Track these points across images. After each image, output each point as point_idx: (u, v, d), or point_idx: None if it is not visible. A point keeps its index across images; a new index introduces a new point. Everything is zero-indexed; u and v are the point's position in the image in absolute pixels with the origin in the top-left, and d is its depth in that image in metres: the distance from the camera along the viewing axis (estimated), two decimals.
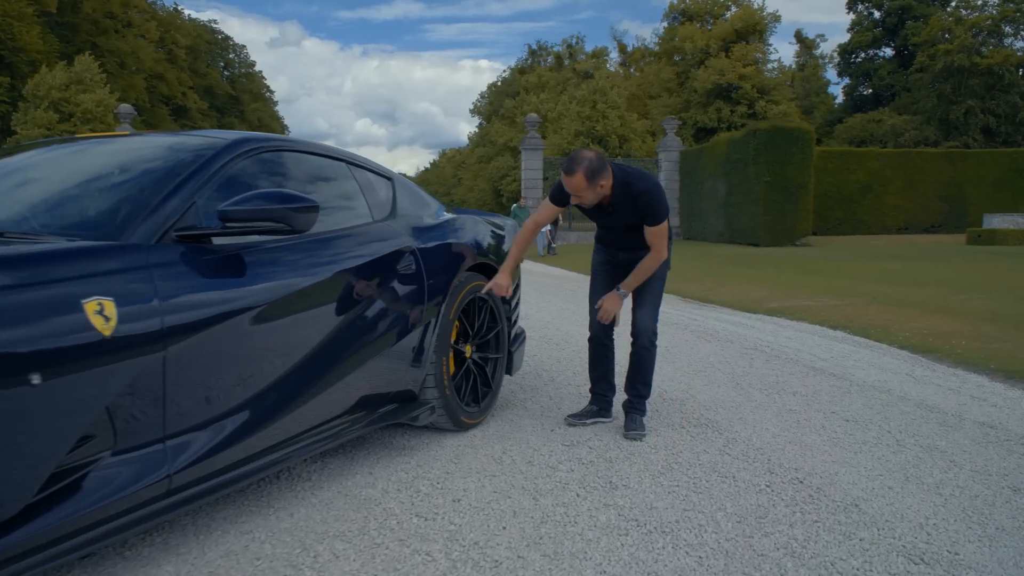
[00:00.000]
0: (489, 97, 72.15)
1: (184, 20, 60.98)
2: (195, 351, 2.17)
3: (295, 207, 2.37)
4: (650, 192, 3.46)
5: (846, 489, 2.97)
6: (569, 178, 3.33)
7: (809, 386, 4.82)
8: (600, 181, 3.35)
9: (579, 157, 3.31)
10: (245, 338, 2.36)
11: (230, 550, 2.35)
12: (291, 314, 2.54)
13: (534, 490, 2.89)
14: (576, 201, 3.45)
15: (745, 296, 10.05)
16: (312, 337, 2.63)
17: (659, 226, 3.52)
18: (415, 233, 3.36)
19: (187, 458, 2.17)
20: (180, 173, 2.41)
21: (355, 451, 3.35)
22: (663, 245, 3.55)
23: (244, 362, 2.37)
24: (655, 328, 3.68)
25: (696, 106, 43.93)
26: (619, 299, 3.65)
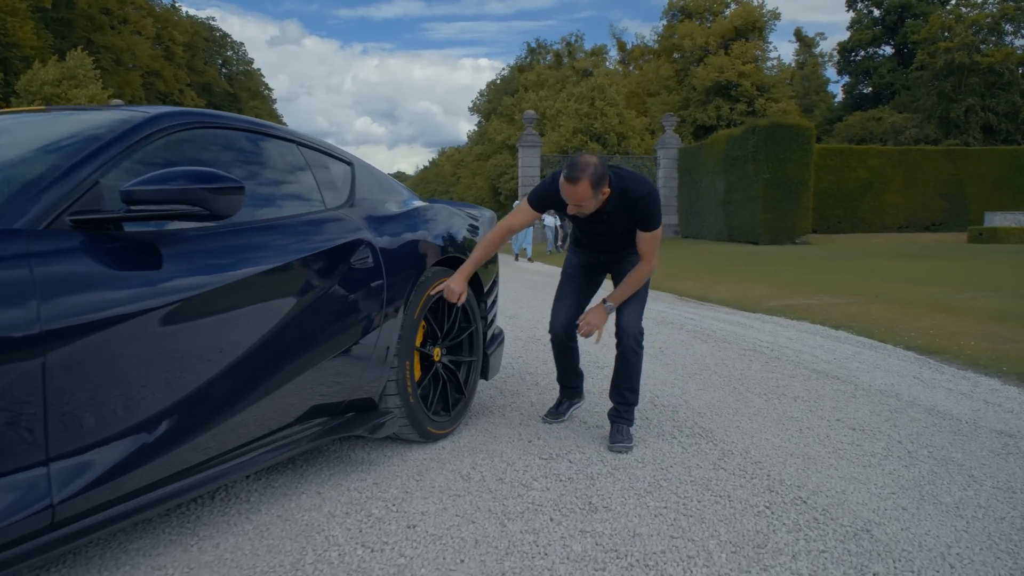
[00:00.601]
0: (488, 95, 71.72)
1: (182, 17, 60.58)
2: (87, 356, 1.83)
3: (214, 187, 2.03)
4: (649, 196, 3.18)
5: (855, 511, 2.63)
6: (573, 186, 2.98)
7: (811, 390, 4.49)
8: (603, 188, 3.04)
9: (582, 163, 2.98)
10: (155, 341, 2.01)
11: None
12: (216, 313, 2.20)
13: (502, 513, 2.55)
14: (575, 211, 3.13)
15: (744, 294, 9.72)
16: (243, 339, 2.28)
17: (655, 232, 3.24)
18: (374, 223, 3.01)
19: (80, 483, 1.83)
20: (84, 150, 2.07)
21: (306, 466, 3.01)
22: (655, 254, 3.28)
23: (155, 368, 2.03)
24: (641, 328, 3.35)
25: (695, 104, 43.51)
26: (605, 313, 3.33)
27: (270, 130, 2.82)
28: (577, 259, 3.58)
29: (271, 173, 2.74)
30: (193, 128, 2.43)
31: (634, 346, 3.29)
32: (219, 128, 2.55)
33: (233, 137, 2.60)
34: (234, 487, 2.76)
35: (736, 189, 23.78)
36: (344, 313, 2.69)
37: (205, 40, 64.66)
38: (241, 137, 2.64)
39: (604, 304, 3.33)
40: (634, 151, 34.75)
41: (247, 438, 2.39)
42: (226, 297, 2.23)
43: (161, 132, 2.29)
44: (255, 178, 2.63)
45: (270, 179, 2.72)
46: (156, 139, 2.26)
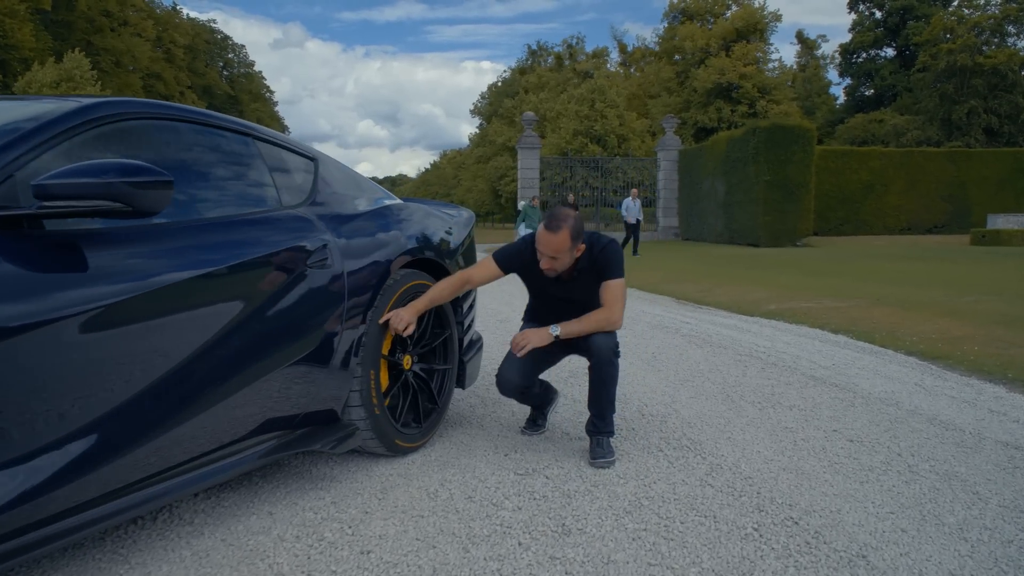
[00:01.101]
0: (489, 98, 71.64)
1: (182, 19, 60.53)
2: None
3: (137, 181, 1.84)
4: (612, 244, 3.14)
5: (851, 532, 2.43)
6: (553, 235, 2.92)
7: (808, 398, 4.29)
8: (580, 244, 3.01)
9: (563, 214, 2.97)
10: (76, 349, 1.82)
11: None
12: (147, 319, 2.00)
13: (467, 537, 2.35)
14: (548, 265, 3.01)
15: (742, 298, 9.51)
16: (180, 347, 2.09)
17: (618, 280, 3.09)
18: (336, 222, 2.81)
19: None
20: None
21: (262, 484, 2.81)
22: (618, 306, 3.08)
23: (77, 379, 1.84)
24: (616, 341, 3.12)
25: (696, 106, 43.32)
26: (548, 336, 3.07)
27: (223, 123, 2.62)
28: (534, 325, 3.31)
29: (220, 169, 2.54)
30: (131, 119, 2.23)
31: (610, 359, 3.07)
32: (162, 119, 2.35)
33: (178, 129, 2.40)
34: (179, 507, 2.56)
35: (737, 191, 23.56)
36: (297, 319, 2.49)
37: (206, 42, 64.63)
38: (188, 129, 2.44)
39: (550, 328, 3.08)
40: (634, 153, 34.56)
41: (189, 454, 2.20)
42: (159, 302, 2.03)
43: (92, 123, 2.09)
44: (200, 174, 2.43)
45: (218, 175, 2.52)
46: (85, 131, 2.07)
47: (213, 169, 2.50)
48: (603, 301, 3.07)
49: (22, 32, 34.35)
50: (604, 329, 3.04)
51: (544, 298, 3.27)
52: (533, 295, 3.32)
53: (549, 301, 3.24)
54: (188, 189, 2.35)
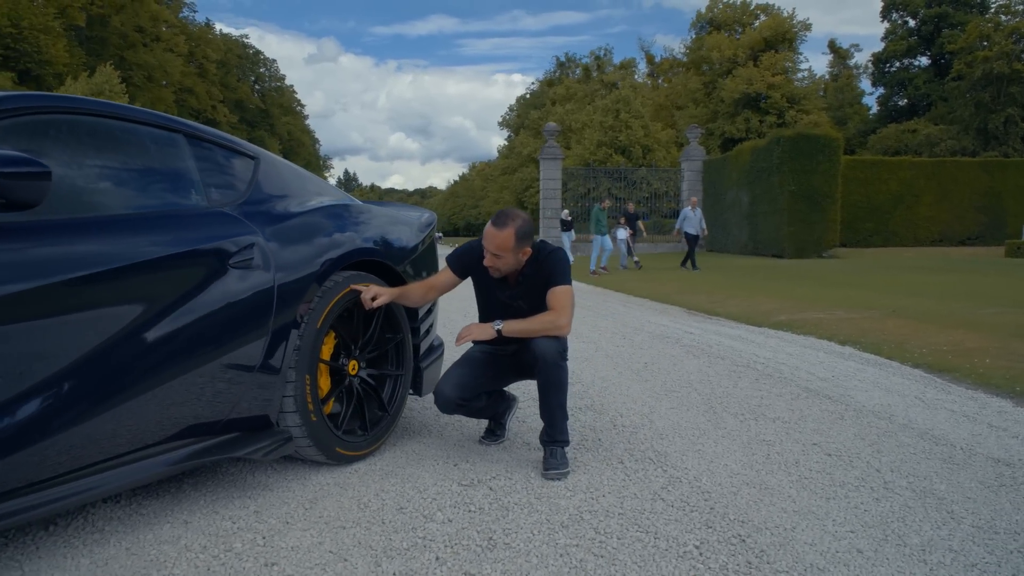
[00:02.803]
0: (518, 110, 71.87)
1: (215, 35, 61.59)
2: None
3: (8, 171, 1.75)
4: (559, 251, 3.06)
5: (799, 553, 2.26)
6: (497, 231, 2.88)
7: (796, 410, 4.10)
8: (525, 247, 2.96)
9: (512, 213, 2.97)
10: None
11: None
12: (33, 316, 1.92)
13: (383, 550, 2.22)
14: (491, 263, 2.95)
15: (754, 309, 9.29)
16: (80, 344, 2.00)
17: (565, 287, 2.98)
18: (269, 221, 2.71)
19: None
20: None
21: (188, 490, 2.71)
22: (566, 312, 2.95)
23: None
24: (563, 345, 2.97)
25: (723, 116, 42.90)
26: (491, 331, 2.95)
27: (147, 119, 2.53)
28: (481, 345, 3.22)
29: (136, 164, 2.45)
30: (36, 113, 2.15)
31: (556, 360, 2.92)
32: (73, 114, 2.27)
33: (91, 124, 2.32)
34: (95, 513, 2.47)
35: (761, 201, 23.21)
36: (215, 319, 2.39)
37: (238, 57, 65.68)
38: (103, 125, 2.35)
39: (494, 323, 2.97)
40: (659, 163, 34.28)
41: (100, 455, 2.11)
42: (46, 299, 1.94)
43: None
44: (112, 169, 2.35)
45: (134, 171, 2.43)
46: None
47: (128, 165, 2.41)
48: (550, 306, 2.95)
49: (56, 48, 35.17)
50: (550, 333, 2.91)
51: (491, 304, 3.15)
52: (481, 301, 3.20)
53: (495, 307, 3.12)
54: (97, 184, 2.27)
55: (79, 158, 2.24)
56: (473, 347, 3.25)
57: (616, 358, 5.80)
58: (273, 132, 69.59)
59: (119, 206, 2.32)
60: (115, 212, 2.28)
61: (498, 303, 3.10)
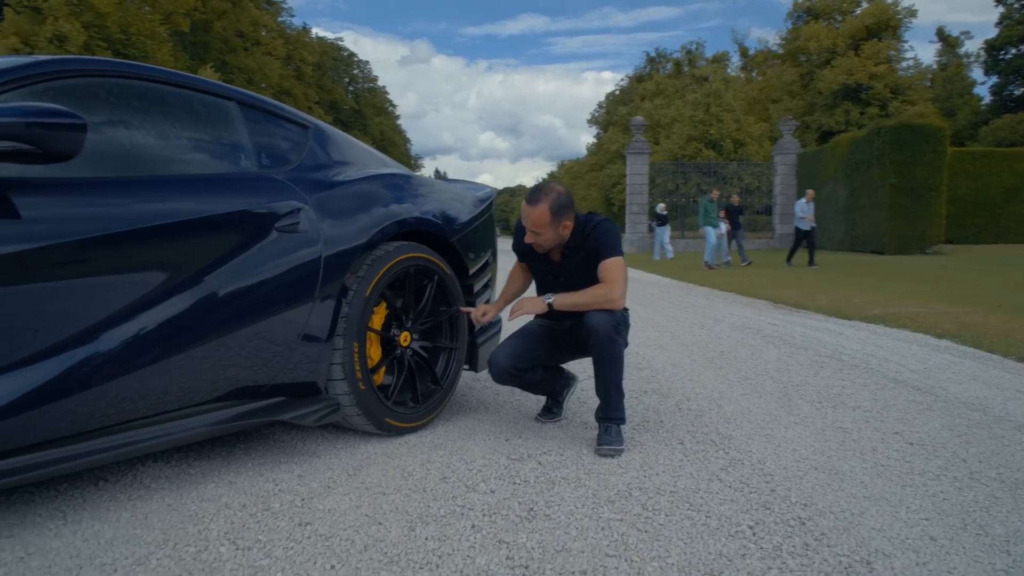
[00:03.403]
0: (606, 107, 71.27)
1: (311, 39, 63.48)
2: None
3: (44, 123, 1.78)
4: (606, 223, 2.94)
5: (864, 537, 2.08)
6: (531, 208, 2.79)
7: (879, 400, 3.84)
8: (564, 220, 2.84)
9: (545, 187, 2.86)
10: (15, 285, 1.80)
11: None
12: (74, 269, 1.95)
13: (420, 516, 2.17)
14: (531, 239, 2.87)
15: (845, 302, 8.85)
16: (115, 300, 2.03)
17: (616, 258, 2.86)
18: (317, 188, 2.70)
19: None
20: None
21: (238, 453, 2.74)
22: (618, 284, 2.83)
23: (20, 316, 1.82)
24: (618, 319, 2.85)
25: (821, 108, 41.20)
26: (542, 304, 2.89)
27: (200, 86, 2.57)
28: (540, 320, 3.16)
29: (185, 129, 2.48)
30: (88, 76, 2.20)
31: (610, 335, 2.80)
32: (124, 78, 2.31)
33: (141, 89, 2.36)
34: (144, 470, 2.52)
35: (859, 195, 22.19)
36: (259, 281, 2.39)
37: (333, 60, 67.50)
38: (153, 90, 2.39)
39: (545, 297, 2.90)
40: (752, 158, 33.30)
41: (140, 411, 2.13)
42: (86, 253, 1.98)
43: (40, 77, 2.07)
44: (160, 132, 2.38)
45: (182, 135, 2.46)
46: (30, 84, 2.04)
47: (178, 128, 2.44)
48: (601, 279, 2.84)
49: (161, 52, 36.84)
50: (602, 306, 2.80)
51: (543, 280, 3.09)
52: (536, 280, 3.14)
53: (547, 282, 3.05)
54: (144, 146, 2.31)
55: (128, 120, 2.28)
56: (532, 321, 3.18)
57: (691, 346, 5.61)
58: (366, 132, 71.22)
59: (167, 167, 2.35)
60: (162, 173, 2.32)
61: (549, 278, 3.03)
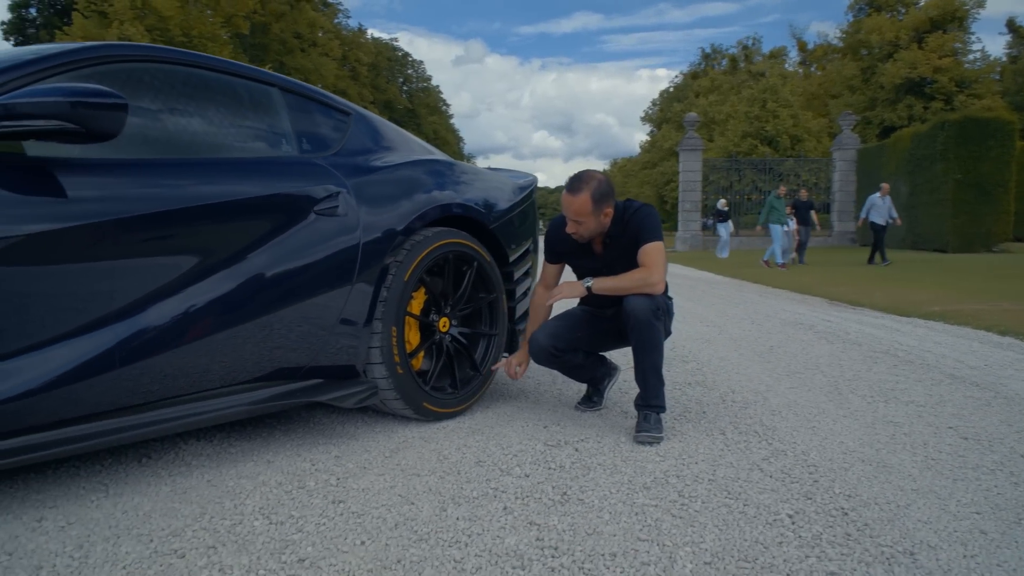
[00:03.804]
0: (660, 104, 70.59)
1: (366, 40, 64.32)
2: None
3: (86, 102, 1.83)
4: (646, 207, 2.91)
5: (909, 529, 2.01)
6: (573, 196, 2.76)
7: (934, 395, 3.71)
8: (605, 208, 2.82)
9: (586, 176, 2.83)
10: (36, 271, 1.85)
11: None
12: (115, 248, 2.01)
13: (452, 497, 2.17)
14: (573, 229, 2.84)
15: (903, 299, 8.60)
16: (150, 280, 2.08)
17: (656, 243, 2.82)
18: (357, 172, 2.72)
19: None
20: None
21: (277, 434, 2.78)
22: (657, 268, 2.79)
23: (25, 301, 1.87)
24: (657, 304, 2.80)
25: (883, 103, 40.05)
26: (581, 288, 2.88)
27: (243, 72, 2.61)
28: (583, 306, 3.17)
29: (232, 114, 2.52)
30: (131, 62, 2.26)
31: (648, 319, 2.75)
32: (167, 64, 2.36)
33: (184, 75, 2.40)
34: (186, 448, 2.57)
35: (922, 191, 21.53)
36: (297, 264, 2.42)
37: (388, 60, 68.29)
38: (196, 75, 2.44)
39: (583, 281, 2.90)
40: (809, 154, 32.57)
41: (178, 389, 2.18)
42: (127, 231, 2.03)
43: (84, 62, 2.13)
44: (202, 116, 2.42)
45: (223, 119, 2.50)
46: (74, 69, 2.10)
47: (218, 113, 2.49)
48: (641, 263, 2.81)
49: (222, 54, 37.83)
50: (641, 290, 2.76)
51: (584, 270, 3.05)
52: (576, 271, 3.11)
53: (588, 272, 3.01)
54: (187, 130, 2.36)
55: (171, 104, 2.33)
56: (575, 307, 3.16)
57: (740, 341, 5.51)
58: (420, 131, 71.79)
59: (207, 150, 2.40)
60: (202, 156, 2.36)
61: (591, 270, 2.99)
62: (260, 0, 43.49)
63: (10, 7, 41.89)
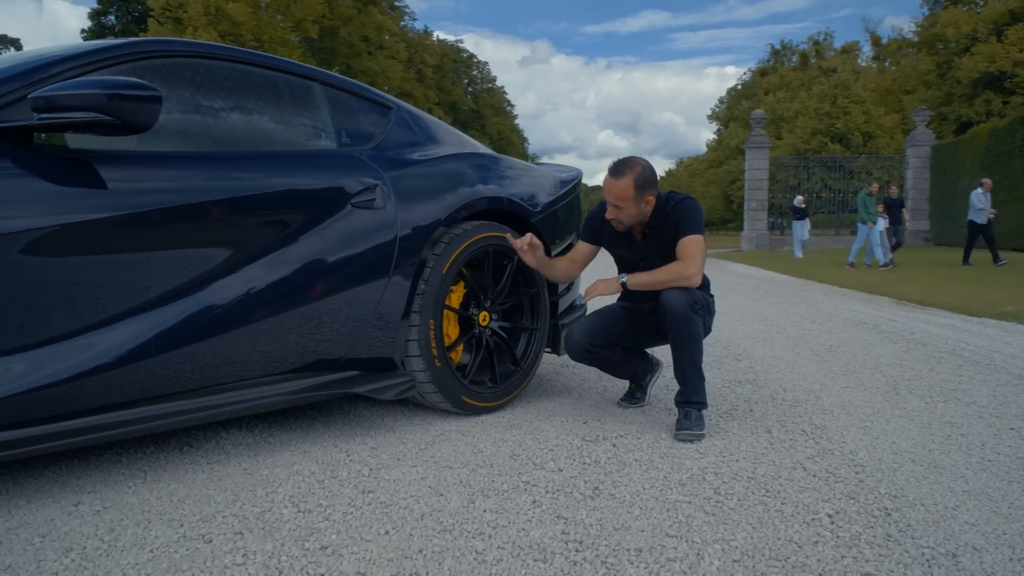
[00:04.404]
0: (728, 102, 69.40)
1: (432, 42, 65.00)
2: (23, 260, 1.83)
3: (121, 94, 1.88)
4: (688, 200, 2.86)
5: (954, 531, 1.91)
6: (616, 180, 2.75)
7: (998, 396, 3.55)
8: (647, 195, 2.79)
9: (630, 161, 2.82)
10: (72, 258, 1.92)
11: (25, 522, 1.90)
12: (158, 237, 2.07)
13: (482, 490, 2.16)
14: (613, 215, 2.82)
15: (976, 299, 8.24)
16: (187, 269, 2.13)
17: (694, 236, 2.76)
18: (396, 165, 2.73)
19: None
20: (17, 67, 2.03)
21: (317, 425, 2.82)
22: (694, 261, 2.73)
23: (70, 288, 1.93)
24: (695, 298, 2.74)
25: (960, 99, 38.44)
26: (616, 285, 2.86)
27: (285, 67, 2.66)
28: (622, 302, 3.13)
29: (274, 108, 2.56)
30: (169, 56, 2.31)
31: (686, 313, 2.70)
32: (206, 59, 2.41)
33: (224, 69, 2.45)
34: (228, 437, 2.63)
35: (1000, 189, 20.54)
36: (333, 255, 2.44)
37: (453, 61, 68.86)
38: (234, 70, 2.49)
39: (619, 277, 2.88)
40: (882, 151, 31.50)
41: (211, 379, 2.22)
42: (168, 223, 2.08)
43: (125, 57, 2.19)
44: (242, 110, 2.47)
45: (263, 113, 2.54)
46: (116, 64, 2.16)
47: (258, 107, 2.53)
48: (678, 256, 2.76)
49: (291, 58, 38.85)
50: (677, 284, 2.71)
51: (623, 262, 3.02)
52: (616, 262, 3.07)
53: (627, 265, 2.98)
54: (226, 124, 2.42)
55: (212, 99, 2.39)
56: (614, 303, 3.13)
57: (797, 339, 5.36)
58: (484, 132, 72.25)
59: (247, 144, 2.44)
60: (242, 149, 2.41)
61: (629, 261, 2.96)
62: (328, 4, 44.41)
63: (90, 15, 43.86)
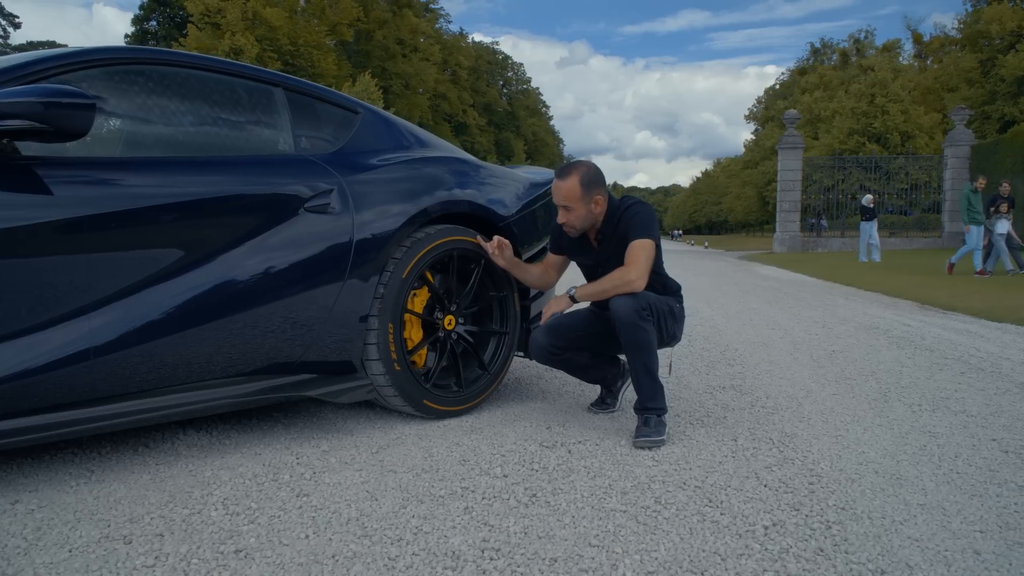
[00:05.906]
0: (765, 102, 68.58)
1: (467, 44, 65.25)
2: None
3: (53, 102, 1.91)
4: (639, 204, 2.84)
5: (892, 546, 1.86)
6: (562, 182, 2.75)
7: (992, 405, 3.44)
8: (595, 195, 2.78)
9: (575, 162, 2.86)
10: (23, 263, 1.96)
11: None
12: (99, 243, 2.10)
13: (418, 495, 2.15)
14: (563, 218, 2.81)
15: (1003, 304, 8.02)
16: (137, 272, 2.16)
17: (641, 240, 2.72)
18: (356, 170, 2.73)
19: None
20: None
21: (276, 427, 2.84)
22: (638, 265, 2.67)
23: (13, 290, 1.97)
24: (642, 304, 2.68)
25: (1004, 97, 37.44)
26: (566, 299, 2.85)
27: (243, 72, 2.68)
28: (592, 308, 3.06)
29: (220, 113, 2.58)
30: (120, 64, 2.34)
31: (633, 320, 2.64)
32: (163, 65, 2.45)
33: (177, 75, 2.48)
34: (181, 439, 2.66)
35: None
36: (285, 260, 2.45)
37: (488, 63, 69.09)
38: (188, 75, 2.51)
39: (569, 291, 2.85)
40: (921, 151, 30.80)
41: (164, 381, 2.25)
42: (111, 227, 2.11)
43: (72, 66, 2.22)
44: (192, 116, 2.50)
45: (218, 119, 2.56)
46: (63, 72, 2.19)
47: (212, 113, 2.55)
48: (625, 261, 2.72)
49: (327, 61, 39.34)
50: (621, 290, 2.67)
51: (587, 275, 3.01)
52: (584, 276, 3.05)
53: (590, 277, 2.96)
54: (178, 130, 2.44)
55: (160, 106, 2.42)
56: (584, 307, 3.10)
57: (800, 344, 5.27)
58: (519, 133, 72.35)
59: (198, 149, 2.47)
60: (192, 155, 2.44)
61: (589, 268, 2.97)
62: (363, 8, 44.85)
63: (133, 20, 44.96)
